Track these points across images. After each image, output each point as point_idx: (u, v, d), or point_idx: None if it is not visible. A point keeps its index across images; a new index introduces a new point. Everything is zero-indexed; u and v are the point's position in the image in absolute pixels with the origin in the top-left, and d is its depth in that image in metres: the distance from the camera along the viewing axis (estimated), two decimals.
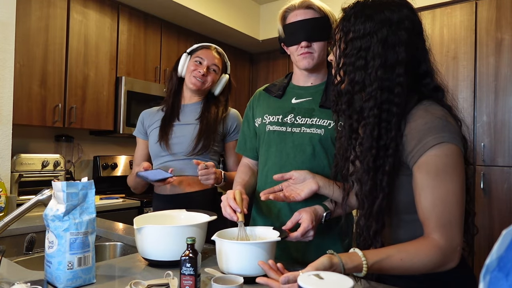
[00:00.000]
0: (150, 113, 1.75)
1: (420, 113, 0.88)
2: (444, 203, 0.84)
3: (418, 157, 0.86)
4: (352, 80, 0.91)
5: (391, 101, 0.87)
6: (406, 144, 0.87)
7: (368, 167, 0.89)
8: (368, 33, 0.88)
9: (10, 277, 1.03)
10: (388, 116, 0.87)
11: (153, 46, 3.23)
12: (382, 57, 0.87)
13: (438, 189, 0.84)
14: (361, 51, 0.89)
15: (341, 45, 0.93)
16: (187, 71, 1.66)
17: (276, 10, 1.34)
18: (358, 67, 0.90)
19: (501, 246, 0.41)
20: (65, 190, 0.97)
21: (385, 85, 0.87)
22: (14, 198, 2.07)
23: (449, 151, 0.84)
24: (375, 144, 0.88)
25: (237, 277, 0.93)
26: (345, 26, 0.92)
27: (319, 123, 1.24)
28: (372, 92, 0.88)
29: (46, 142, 2.83)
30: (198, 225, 1.16)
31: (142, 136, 1.75)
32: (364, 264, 0.83)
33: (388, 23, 0.88)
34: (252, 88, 4.36)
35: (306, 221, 1.09)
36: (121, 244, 1.59)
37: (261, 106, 1.38)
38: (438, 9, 2.89)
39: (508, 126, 2.60)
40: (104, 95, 2.85)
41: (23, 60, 2.39)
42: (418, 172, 0.87)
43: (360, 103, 0.91)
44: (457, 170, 0.85)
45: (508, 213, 2.55)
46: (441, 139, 0.84)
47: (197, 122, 1.64)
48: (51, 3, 2.53)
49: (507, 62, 2.62)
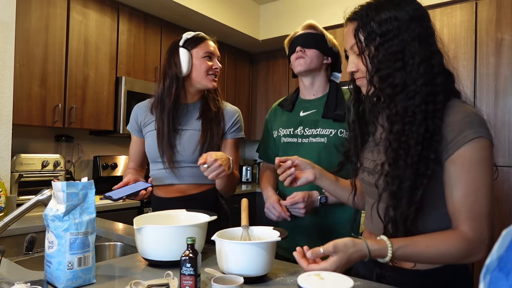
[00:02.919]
0: (144, 109, 1.61)
1: (458, 107, 0.89)
2: (476, 196, 0.86)
3: (456, 149, 0.87)
4: (391, 83, 0.89)
5: (435, 92, 0.88)
6: (444, 136, 0.88)
7: (412, 161, 0.88)
8: (399, 33, 0.87)
9: (10, 277, 1.03)
10: (434, 106, 0.88)
11: (153, 46, 3.23)
12: (419, 53, 0.87)
13: (472, 182, 0.86)
14: (398, 53, 0.88)
15: (369, 54, 0.91)
16: (196, 70, 1.51)
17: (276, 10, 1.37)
18: (396, 68, 0.88)
19: (501, 246, 0.41)
20: (65, 190, 0.97)
21: (428, 79, 0.88)
22: (14, 198, 2.07)
23: (485, 145, 0.87)
24: (421, 139, 0.87)
25: (237, 277, 0.93)
26: (368, 31, 0.90)
27: (322, 133, 1.43)
28: (417, 89, 0.88)
29: (46, 142, 2.83)
30: (198, 225, 1.16)
31: (136, 133, 1.62)
32: (389, 247, 0.84)
33: (415, 19, 0.88)
34: (252, 88, 4.37)
35: (298, 195, 1.34)
36: (121, 244, 1.59)
37: (277, 120, 1.60)
38: (438, 9, 2.89)
39: (508, 126, 2.60)
40: (104, 95, 2.85)
41: (23, 60, 2.39)
42: (452, 165, 0.88)
43: (405, 104, 0.89)
44: (490, 165, 0.88)
45: (508, 213, 2.55)
46: (479, 133, 0.86)
47: (199, 124, 1.52)
48: (51, 3, 2.53)
49: (507, 62, 2.62)
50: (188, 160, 1.51)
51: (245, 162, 4.58)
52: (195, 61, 1.52)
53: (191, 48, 1.53)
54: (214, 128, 1.52)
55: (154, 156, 1.55)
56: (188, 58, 1.50)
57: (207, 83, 1.53)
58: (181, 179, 1.54)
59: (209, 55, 1.53)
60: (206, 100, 1.58)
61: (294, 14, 3.72)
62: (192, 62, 1.51)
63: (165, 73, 1.53)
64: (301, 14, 3.66)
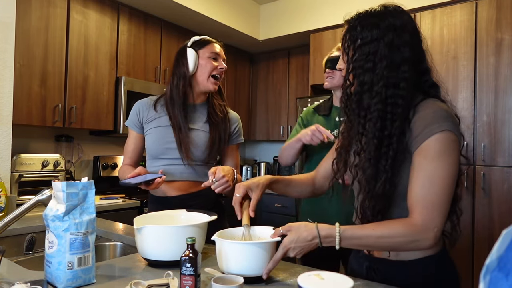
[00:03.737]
0: (147, 106, 1.62)
1: (429, 104, 0.96)
2: (431, 185, 0.91)
3: (421, 141, 0.93)
4: (361, 81, 0.99)
5: (397, 95, 0.96)
6: (413, 130, 0.95)
7: (370, 155, 0.97)
8: (376, 39, 0.97)
9: (10, 277, 1.03)
10: (393, 108, 0.95)
11: (153, 46, 3.23)
12: (388, 58, 0.96)
13: (430, 172, 0.91)
14: (370, 55, 0.97)
15: (349, 52, 1.02)
16: (202, 69, 1.57)
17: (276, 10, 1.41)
18: (366, 69, 0.98)
19: (501, 246, 0.41)
20: (65, 190, 0.97)
21: (390, 82, 0.96)
22: (14, 198, 2.07)
23: (449, 139, 0.92)
24: (377, 134, 0.96)
25: (237, 277, 0.93)
26: (353, 35, 1.01)
27: None
28: (378, 90, 0.96)
29: (46, 142, 2.83)
30: (198, 225, 1.16)
31: (136, 129, 1.62)
32: (337, 229, 0.94)
33: (393, 28, 0.97)
34: (252, 88, 4.37)
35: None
36: (121, 244, 1.59)
37: (313, 121, 1.81)
38: (438, 9, 2.90)
39: (508, 126, 2.60)
40: (104, 95, 2.85)
41: (23, 60, 2.39)
42: (417, 156, 0.94)
43: (368, 101, 0.99)
44: (451, 158, 0.92)
45: (508, 213, 2.54)
46: (444, 127, 0.91)
47: (207, 127, 1.58)
48: (51, 3, 2.53)
49: (507, 62, 2.62)
50: (197, 158, 1.55)
51: (245, 162, 4.58)
52: (201, 61, 1.58)
53: (198, 49, 1.59)
54: (221, 132, 1.59)
55: (158, 152, 1.57)
56: (195, 58, 1.57)
57: (208, 85, 1.58)
58: (184, 176, 1.56)
59: (214, 56, 1.60)
60: (212, 105, 1.63)
61: (294, 14, 3.72)
62: (198, 62, 1.58)
63: (173, 73, 1.61)
64: (301, 14, 3.66)
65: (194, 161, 1.55)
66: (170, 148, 1.55)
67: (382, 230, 0.93)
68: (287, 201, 3.51)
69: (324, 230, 0.95)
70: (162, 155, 1.56)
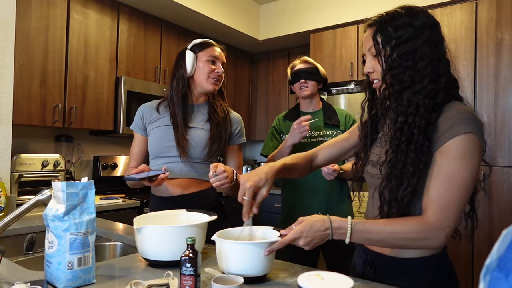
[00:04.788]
0: (150, 108, 1.67)
1: (456, 106, 0.97)
2: (449, 186, 0.90)
3: (445, 141, 0.93)
4: (401, 80, 0.99)
5: (437, 90, 0.97)
6: (438, 128, 0.95)
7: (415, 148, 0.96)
8: (413, 37, 0.97)
9: (10, 277, 1.03)
10: (434, 101, 0.97)
11: (153, 46, 3.23)
12: (429, 55, 0.97)
13: (449, 173, 0.91)
14: (409, 54, 0.98)
15: (384, 54, 1.01)
16: (200, 71, 1.60)
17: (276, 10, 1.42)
18: (406, 67, 0.98)
19: (501, 246, 0.41)
20: (65, 190, 0.97)
21: (433, 78, 0.97)
22: (14, 198, 2.07)
23: (473, 142, 0.91)
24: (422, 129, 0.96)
25: (237, 277, 0.93)
26: (386, 36, 1.00)
27: (327, 134, 1.95)
28: (423, 86, 0.97)
29: (46, 142, 2.83)
30: (198, 225, 1.16)
31: (140, 131, 1.67)
32: (349, 221, 0.95)
33: (427, 26, 0.99)
34: (252, 88, 4.37)
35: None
36: (121, 244, 1.59)
37: (285, 127, 2.04)
38: (438, 9, 2.89)
39: (508, 126, 2.60)
40: (104, 95, 2.85)
41: (23, 60, 2.39)
42: (438, 155, 0.94)
43: (409, 97, 0.98)
44: (473, 161, 0.91)
45: (508, 213, 2.54)
46: (470, 129, 0.91)
47: (207, 126, 1.60)
48: (51, 3, 2.53)
49: (507, 62, 2.62)
50: (197, 155, 1.57)
51: (245, 162, 4.58)
52: (199, 63, 1.61)
53: (198, 52, 1.63)
54: (222, 132, 1.61)
55: (158, 151, 1.60)
56: (193, 60, 1.60)
57: (208, 86, 1.61)
58: (184, 173, 1.57)
59: (213, 59, 1.62)
60: (213, 105, 1.66)
61: (294, 14, 3.72)
62: (196, 64, 1.61)
63: (173, 75, 1.64)
64: (301, 14, 3.66)
65: (193, 159, 1.57)
66: (170, 146, 1.57)
67: (395, 225, 0.92)
68: None
69: (336, 222, 0.95)
70: (163, 154, 1.59)
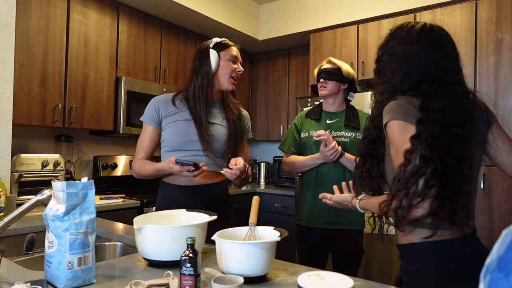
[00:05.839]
0: (165, 102, 1.70)
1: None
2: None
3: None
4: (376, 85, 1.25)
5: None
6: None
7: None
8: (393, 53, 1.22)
9: (10, 277, 1.03)
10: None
11: (153, 46, 3.23)
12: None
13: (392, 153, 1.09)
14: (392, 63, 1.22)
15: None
16: (222, 70, 1.68)
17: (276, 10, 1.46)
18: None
19: (501, 246, 0.41)
20: (65, 190, 0.97)
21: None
22: (14, 198, 2.07)
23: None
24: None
25: (237, 277, 0.93)
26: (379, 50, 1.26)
27: (346, 135, 1.99)
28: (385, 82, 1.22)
29: (46, 142, 2.83)
30: (198, 225, 1.16)
31: (154, 124, 1.68)
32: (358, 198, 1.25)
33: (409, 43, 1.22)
34: (252, 87, 4.37)
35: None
36: (121, 244, 1.59)
37: (305, 124, 2.08)
38: (438, 9, 2.90)
39: (508, 126, 2.59)
40: (104, 95, 2.85)
41: (23, 60, 2.39)
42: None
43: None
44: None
45: (508, 213, 2.54)
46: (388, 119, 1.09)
47: (225, 122, 1.71)
48: (51, 3, 2.53)
49: (507, 62, 2.62)
50: (218, 150, 1.68)
51: None
52: (221, 62, 1.69)
53: (220, 51, 1.70)
54: (238, 128, 1.73)
55: (178, 145, 1.65)
56: (216, 58, 1.68)
57: (228, 85, 1.71)
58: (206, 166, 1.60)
59: (233, 59, 1.72)
60: (227, 102, 1.76)
61: (294, 14, 3.72)
62: (219, 63, 1.69)
63: (197, 72, 1.69)
64: (301, 14, 3.66)
65: (215, 154, 1.66)
66: (191, 140, 1.63)
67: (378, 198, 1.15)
68: (287, 201, 3.51)
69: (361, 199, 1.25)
70: (182, 147, 1.64)
